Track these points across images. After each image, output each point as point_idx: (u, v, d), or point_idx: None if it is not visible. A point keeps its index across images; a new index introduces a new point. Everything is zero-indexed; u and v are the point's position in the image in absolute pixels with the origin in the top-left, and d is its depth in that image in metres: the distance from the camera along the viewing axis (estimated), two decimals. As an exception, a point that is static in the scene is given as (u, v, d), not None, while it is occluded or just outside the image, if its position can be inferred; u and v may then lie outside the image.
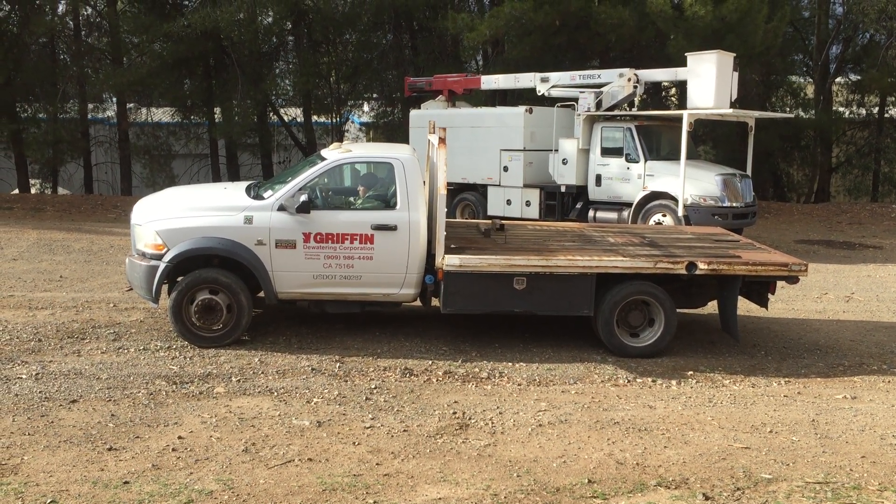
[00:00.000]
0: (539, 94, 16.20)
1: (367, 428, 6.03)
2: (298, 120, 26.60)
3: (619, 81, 15.08)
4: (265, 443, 5.69)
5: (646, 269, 7.92)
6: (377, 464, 5.41)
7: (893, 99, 24.74)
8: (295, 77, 24.33)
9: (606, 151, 14.96)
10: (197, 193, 9.00)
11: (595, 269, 7.87)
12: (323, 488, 5.01)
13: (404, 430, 6.01)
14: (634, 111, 15.27)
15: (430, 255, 8.01)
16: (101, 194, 25.17)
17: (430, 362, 7.71)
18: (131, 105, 25.73)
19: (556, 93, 15.93)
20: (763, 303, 8.51)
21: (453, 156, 16.24)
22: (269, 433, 5.87)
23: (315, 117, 26.06)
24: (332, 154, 8.35)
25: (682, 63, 14.59)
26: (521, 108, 15.97)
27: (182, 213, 8.00)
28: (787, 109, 24.07)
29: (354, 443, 5.75)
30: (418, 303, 8.42)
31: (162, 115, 27.27)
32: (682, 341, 8.62)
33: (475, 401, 6.73)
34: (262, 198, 8.08)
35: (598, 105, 15.09)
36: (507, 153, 15.91)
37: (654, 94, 22.69)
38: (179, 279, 7.95)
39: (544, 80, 16.09)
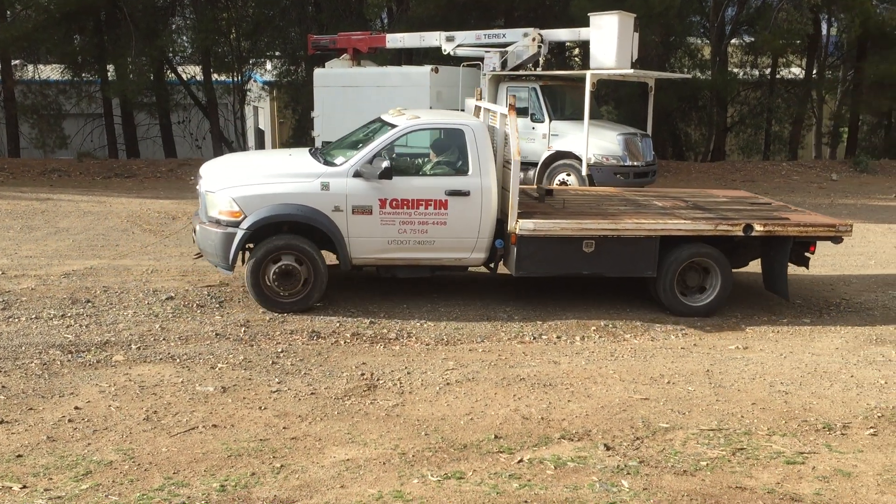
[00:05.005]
0: (445, 53, 16.08)
1: (274, 392, 5.96)
2: (198, 78, 25.69)
3: (523, 41, 15.09)
4: (167, 410, 5.56)
5: (707, 232, 8.22)
6: (284, 428, 5.36)
7: (784, 60, 25.63)
8: (193, 33, 23.43)
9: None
10: (265, 160, 9.23)
11: (660, 231, 8.12)
12: (228, 454, 4.94)
13: (312, 393, 5.97)
14: (539, 71, 15.36)
15: (497, 220, 8.16)
16: (-13, 156, 23.83)
17: (338, 324, 7.67)
18: (17, 62, 24.25)
19: (461, 52, 15.85)
20: (804, 262, 8.78)
21: (359, 115, 15.96)
22: (172, 400, 5.73)
23: (216, 76, 25.20)
24: (401, 120, 8.34)
25: (585, 23, 14.72)
26: (427, 68, 15.81)
27: (257, 179, 7.98)
28: (686, 70, 24.60)
29: (261, 407, 5.68)
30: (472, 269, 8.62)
31: (50, 72, 25.84)
32: (584, 297, 8.83)
33: (383, 361, 6.75)
34: (335, 164, 8.11)
35: (504, 65, 15.09)
36: (414, 113, 15.79)
37: (558, 54, 22.85)
38: (248, 245, 7.93)
39: (450, 40, 15.97)
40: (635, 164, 14.39)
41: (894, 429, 5.67)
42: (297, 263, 7.88)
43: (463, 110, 15.36)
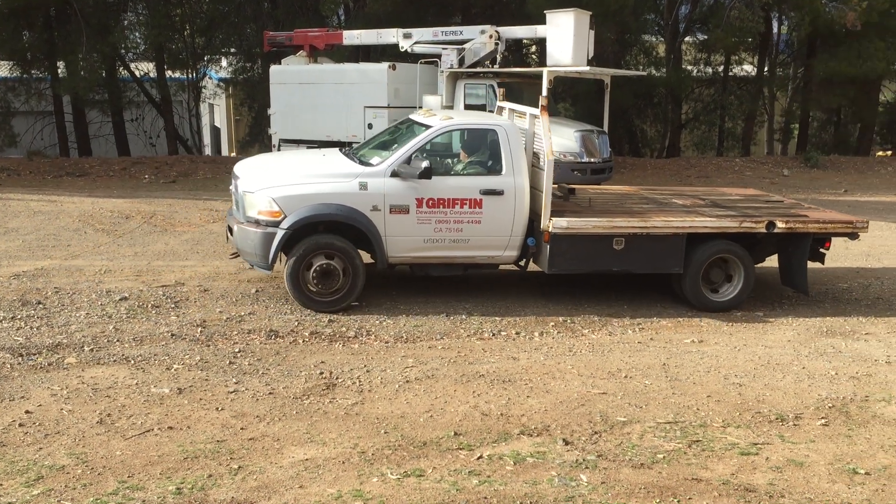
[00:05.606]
0: (402, 50, 16.04)
1: (231, 392, 5.90)
2: (151, 75, 25.29)
3: (480, 38, 15.13)
4: (121, 413, 5.46)
5: (732, 229, 8.37)
6: (242, 428, 5.31)
7: (737, 58, 26.06)
8: (146, 29, 23.03)
9: (470, 108, 15.04)
10: (300, 160, 9.25)
11: (688, 229, 8.26)
12: (184, 456, 4.87)
13: (270, 393, 5.92)
14: (496, 68, 15.39)
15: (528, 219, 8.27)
16: (-68, 155, 23.18)
17: (296, 323, 7.61)
18: (-37, 58, 23.68)
19: (419, 49, 15.82)
20: (819, 258, 8.93)
21: (317, 113, 15.94)
22: (126, 403, 5.64)
23: (170, 72, 24.84)
24: (435, 121, 8.37)
25: (542, 21, 14.79)
26: (385, 65, 15.79)
27: (296, 180, 8.02)
28: (641, 68, 24.86)
29: (218, 408, 5.61)
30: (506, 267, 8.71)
31: (-2, 69, 25.27)
32: (542, 293, 8.89)
33: (342, 360, 6.71)
34: (370, 164, 8.14)
35: (461, 62, 15.11)
36: (372, 110, 15.73)
37: (515, 51, 22.95)
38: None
39: (407, 37, 15.93)
40: (592, 160, 14.49)
41: (845, 419, 5.80)
42: (336, 263, 7.92)
43: (421, 107, 15.40)
